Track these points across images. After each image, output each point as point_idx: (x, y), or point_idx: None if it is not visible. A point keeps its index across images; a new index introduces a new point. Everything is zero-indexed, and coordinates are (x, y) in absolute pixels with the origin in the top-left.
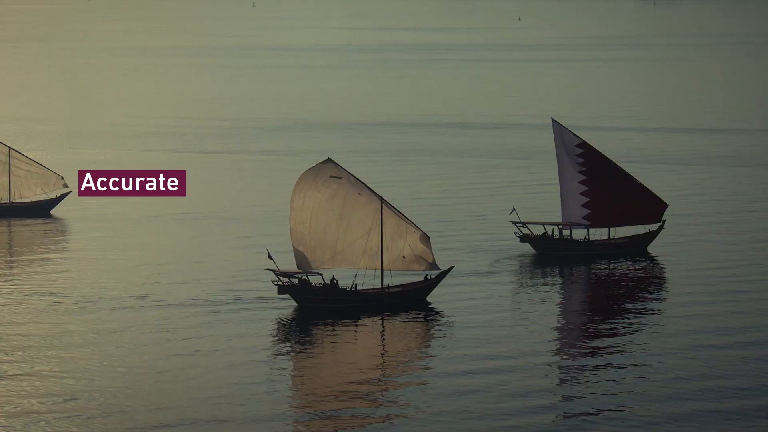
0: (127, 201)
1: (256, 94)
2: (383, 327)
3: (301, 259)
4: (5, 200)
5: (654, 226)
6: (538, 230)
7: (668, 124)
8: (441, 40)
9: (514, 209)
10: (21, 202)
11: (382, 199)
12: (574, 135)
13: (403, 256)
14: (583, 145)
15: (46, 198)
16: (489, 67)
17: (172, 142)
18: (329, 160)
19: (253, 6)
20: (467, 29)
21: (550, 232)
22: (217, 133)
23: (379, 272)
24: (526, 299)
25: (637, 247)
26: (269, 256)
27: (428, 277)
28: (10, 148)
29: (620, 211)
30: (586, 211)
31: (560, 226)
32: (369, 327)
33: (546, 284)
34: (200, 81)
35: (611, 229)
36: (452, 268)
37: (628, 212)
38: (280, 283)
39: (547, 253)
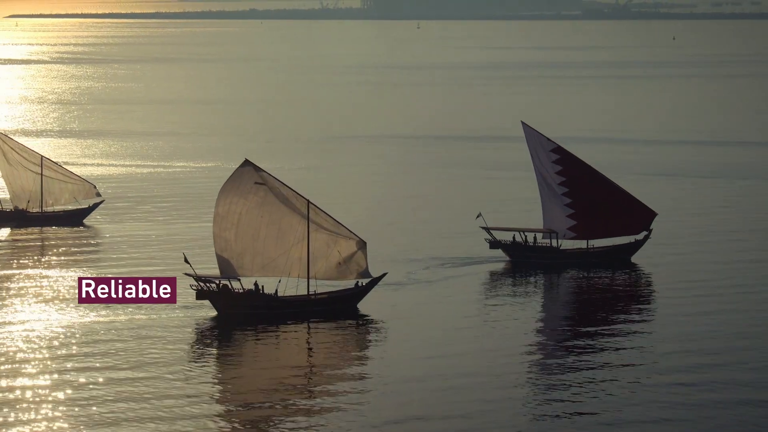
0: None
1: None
2: (309, 335)
3: (226, 266)
4: (37, 209)
5: (640, 235)
6: (509, 237)
7: None
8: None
9: (480, 214)
10: (53, 211)
11: (309, 202)
12: (548, 140)
13: (338, 263)
14: (559, 150)
15: (79, 207)
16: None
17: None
18: (247, 162)
19: (418, 27)
20: (622, 48)
21: (523, 239)
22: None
23: (311, 279)
24: (478, 306)
25: (620, 256)
26: (186, 260)
27: (359, 283)
28: (42, 156)
29: (606, 220)
30: (572, 222)
31: (525, 233)
32: (292, 335)
33: (505, 292)
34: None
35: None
36: (385, 274)
37: (615, 221)
38: (198, 288)
39: (519, 261)
